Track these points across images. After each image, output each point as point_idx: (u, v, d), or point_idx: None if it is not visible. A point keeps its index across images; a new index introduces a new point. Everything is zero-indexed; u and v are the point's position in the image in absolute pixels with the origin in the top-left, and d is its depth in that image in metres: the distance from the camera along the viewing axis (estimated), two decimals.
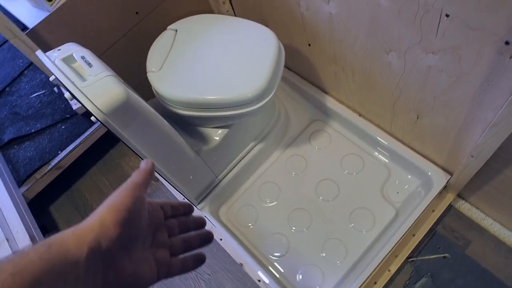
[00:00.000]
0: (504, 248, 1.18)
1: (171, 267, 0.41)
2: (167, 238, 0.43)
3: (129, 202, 0.37)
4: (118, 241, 0.35)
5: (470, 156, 1.00)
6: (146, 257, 0.39)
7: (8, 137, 1.63)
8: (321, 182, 1.33)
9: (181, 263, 0.43)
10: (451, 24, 0.78)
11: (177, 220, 0.46)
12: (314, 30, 1.17)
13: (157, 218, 0.43)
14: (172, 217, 0.45)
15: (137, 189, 0.39)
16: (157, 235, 0.42)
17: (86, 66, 0.92)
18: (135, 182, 0.39)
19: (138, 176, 0.41)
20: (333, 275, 1.18)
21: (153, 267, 0.39)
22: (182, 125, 1.22)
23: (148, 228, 0.40)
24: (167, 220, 0.44)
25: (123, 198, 0.37)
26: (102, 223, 0.35)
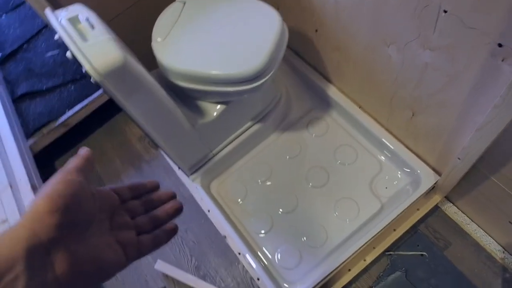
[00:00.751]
0: (484, 254, 1.19)
1: (142, 246, 0.42)
2: (128, 219, 0.43)
3: (62, 187, 0.35)
4: (59, 228, 0.33)
5: (457, 159, 1.00)
6: (106, 242, 0.38)
7: (21, 91, 1.69)
8: (313, 169, 1.35)
9: (151, 240, 0.43)
10: (448, 21, 0.78)
11: (140, 200, 0.46)
12: (322, 16, 1.17)
13: (110, 202, 0.42)
14: (134, 199, 0.46)
15: (70, 174, 0.37)
16: (115, 219, 0.41)
17: (89, 28, 0.95)
18: (68, 168, 0.38)
19: (72, 162, 0.39)
20: (310, 258, 1.21)
21: (118, 250, 0.39)
22: (182, 97, 1.25)
23: (100, 214, 0.39)
24: (126, 203, 0.44)
25: (55, 185, 0.35)
26: (34, 215, 0.33)
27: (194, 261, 1.34)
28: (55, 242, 0.33)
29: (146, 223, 0.44)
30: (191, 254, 1.36)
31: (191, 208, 1.42)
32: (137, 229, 0.43)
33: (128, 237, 0.41)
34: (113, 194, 0.43)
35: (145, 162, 1.61)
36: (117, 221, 0.41)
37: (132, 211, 0.44)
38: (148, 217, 0.45)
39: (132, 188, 0.46)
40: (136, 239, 0.42)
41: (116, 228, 0.41)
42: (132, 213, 0.44)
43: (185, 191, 1.47)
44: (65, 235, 0.34)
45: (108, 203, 0.42)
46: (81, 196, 0.36)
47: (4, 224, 1.26)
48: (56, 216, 0.33)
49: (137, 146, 1.66)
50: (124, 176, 1.60)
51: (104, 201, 0.41)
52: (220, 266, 1.32)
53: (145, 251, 0.42)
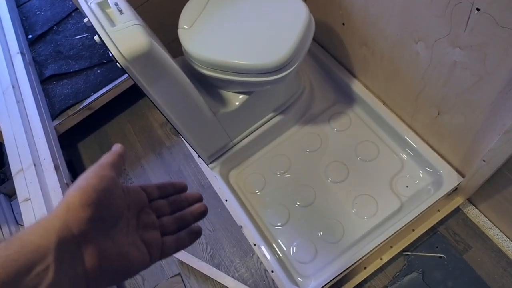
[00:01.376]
0: (504, 260, 1.16)
1: (165, 247, 0.42)
2: (155, 219, 0.43)
3: (96, 182, 0.35)
4: (91, 222, 0.34)
5: (482, 161, 0.98)
6: (132, 240, 0.38)
7: (49, 72, 1.73)
8: (332, 164, 1.34)
9: (175, 241, 0.43)
10: (481, 19, 0.75)
11: (167, 200, 0.46)
12: (349, 9, 1.15)
13: (138, 200, 0.42)
14: (161, 198, 0.46)
15: (104, 169, 0.38)
16: (141, 217, 0.41)
17: (117, 12, 0.96)
18: (102, 163, 0.39)
19: (106, 158, 0.40)
20: (326, 254, 1.20)
21: (143, 249, 0.39)
22: (205, 85, 1.26)
23: (128, 211, 0.40)
24: (154, 202, 0.44)
25: (89, 179, 0.35)
26: (68, 207, 0.33)
27: (210, 250, 1.36)
28: (86, 236, 0.33)
29: (171, 223, 0.44)
30: (206, 242, 1.37)
31: (209, 196, 1.43)
32: (161, 229, 0.43)
33: (153, 237, 0.41)
34: (142, 192, 0.43)
35: (165, 148, 1.63)
36: (143, 219, 0.41)
37: (158, 211, 0.44)
38: (174, 218, 0.45)
39: (160, 188, 0.46)
40: (160, 239, 0.42)
41: (142, 227, 0.41)
42: (158, 213, 0.44)
43: (204, 179, 1.48)
44: (96, 229, 0.34)
45: (137, 200, 0.42)
46: (113, 192, 0.37)
47: (27, 202, 1.30)
48: (89, 210, 0.33)
49: (158, 131, 1.68)
50: (144, 161, 1.62)
51: (133, 199, 0.41)
52: (235, 256, 1.33)
53: (168, 252, 0.42)
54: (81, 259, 0.33)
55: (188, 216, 0.45)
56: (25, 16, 1.97)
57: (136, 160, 1.63)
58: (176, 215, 0.45)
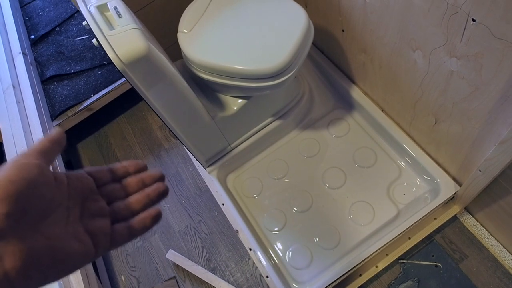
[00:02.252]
0: (500, 270, 1.15)
1: (116, 235, 0.38)
2: (104, 205, 0.39)
3: (13, 172, 0.31)
4: (9, 218, 0.30)
5: (478, 171, 0.97)
6: (72, 231, 0.35)
7: (50, 73, 1.74)
8: (330, 169, 1.34)
9: (127, 228, 0.38)
10: (477, 30, 0.75)
11: (121, 183, 0.41)
12: (349, 16, 1.15)
13: (82, 187, 0.38)
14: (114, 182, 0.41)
15: (27, 157, 0.33)
16: (87, 205, 0.38)
17: (116, 16, 0.96)
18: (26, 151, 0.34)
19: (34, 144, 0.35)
20: (321, 260, 1.20)
21: (86, 240, 0.35)
22: (204, 89, 1.26)
23: (68, 200, 0.36)
24: (105, 186, 0.40)
25: (6, 170, 0.31)
26: None
27: (205, 253, 1.36)
28: (4, 233, 0.30)
29: (123, 209, 0.39)
30: (202, 246, 1.37)
31: (206, 199, 1.43)
32: (113, 216, 0.39)
33: (100, 226, 0.37)
34: (88, 178, 0.39)
35: (164, 151, 1.63)
36: (89, 207, 0.38)
37: (109, 196, 0.40)
38: (126, 202, 0.40)
39: (112, 171, 0.41)
40: (109, 227, 0.38)
41: (87, 216, 0.37)
42: (109, 199, 0.40)
43: (201, 182, 1.48)
44: (17, 225, 0.30)
45: (80, 187, 0.38)
46: (38, 182, 0.32)
47: None
48: (5, 204, 0.30)
49: (157, 134, 1.68)
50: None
51: (76, 186, 0.37)
52: (231, 260, 1.33)
53: (120, 241, 0.38)
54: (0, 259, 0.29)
55: (144, 199, 0.40)
56: (28, 16, 1.98)
57: None
58: (129, 198, 0.40)
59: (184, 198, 1.47)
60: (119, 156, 1.66)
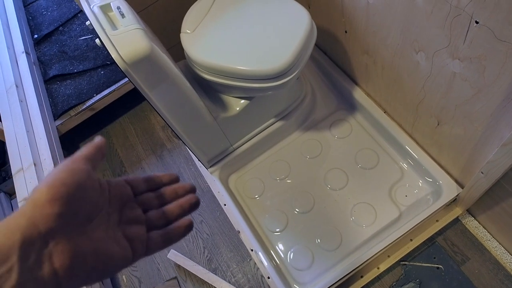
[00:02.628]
0: (502, 273, 1.15)
1: (151, 242, 0.39)
2: (140, 213, 0.41)
3: (65, 176, 0.33)
4: (60, 218, 0.31)
5: (480, 173, 0.97)
6: (113, 236, 0.36)
7: (53, 72, 1.74)
8: (332, 171, 1.34)
9: (161, 236, 0.40)
10: (480, 32, 0.75)
11: (155, 193, 0.43)
12: (352, 17, 1.15)
13: (121, 194, 0.40)
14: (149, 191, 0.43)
15: (76, 162, 0.35)
16: (125, 212, 0.40)
17: (119, 16, 0.96)
18: (74, 156, 0.36)
19: (80, 150, 0.37)
20: (323, 261, 1.20)
21: (124, 245, 0.37)
22: (207, 89, 1.26)
23: (109, 206, 0.38)
24: (140, 196, 0.42)
25: (58, 173, 0.33)
26: (35, 203, 0.31)
27: (207, 254, 1.36)
28: (54, 233, 0.31)
29: (158, 218, 0.41)
30: (204, 246, 1.37)
31: (208, 200, 1.43)
32: (148, 224, 0.41)
33: (137, 232, 0.39)
34: (126, 186, 0.41)
35: (166, 151, 1.63)
36: (127, 214, 0.40)
37: (145, 205, 0.42)
38: (161, 211, 0.42)
39: (148, 180, 0.44)
40: (145, 235, 0.39)
41: (125, 222, 0.39)
42: (145, 207, 0.42)
43: (203, 182, 1.48)
44: (67, 226, 0.32)
45: (120, 195, 0.40)
46: (86, 186, 0.34)
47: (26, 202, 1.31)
48: (57, 205, 0.31)
49: (160, 134, 1.69)
50: (144, 162, 1.63)
51: (115, 193, 0.39)
52: (232, 261, 1.33)
53: (154, 248, 0.40)
54: (49, 258, 0.31)
55: (177, 209, 0.43)
56: (31, 16, 1.99)
57: (137, 162, 1.64)
58: (164, 208, 0.42)
59: None
60: (121, 156, 1.66)
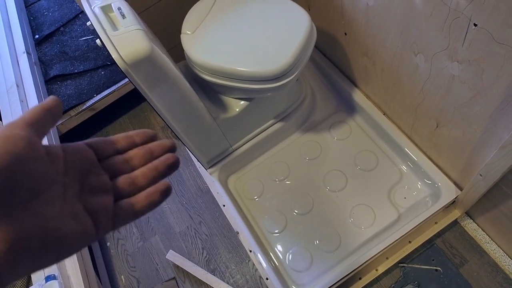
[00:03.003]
0: (501, 276, 1.15)
1: (120, 213, 0.33)
2: (106, 180, 0.34)
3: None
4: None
5: (479, 175, 0.97)
6: (69, 210, 0.31)
7: (54, 73, 1.74)
8: (331, 172, 1.34)
9: (131, 205, 0.34)
10: (478, 35, 0.75)
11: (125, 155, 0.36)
12: (351, 19, 1.16)
13: (81, 160, 0.34)
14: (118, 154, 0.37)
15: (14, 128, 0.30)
16: (88, 180, 0.33)
17: (120, 17, 0.97)
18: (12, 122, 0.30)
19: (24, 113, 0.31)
20: (321, 263, 1.20)
21: (84, 220, 0.31)
22: (206, 90, 1.26)
23: (66, 176, 0.32)
24: (107, 159, 0.36)
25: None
26: None
27: (206, 254, 1.36)
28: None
29: (128, 184, 0.35)
30: (202, 247, 1.37)
31: (207, 200, 1.43)
32: (116, 192, 0.34)
33: (102, 203, 0.33)
34: (88, 150, 0.35)
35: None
36: (90, 183, 0.33)
37: (113, 170, 0.35)
38: (131, 176, 0.35)
39: (117, 141, 0.37)
40: (112, 205, 0.33)
41: (87, 192, 0.33)
42: (113, 173, 0.35)
43: (203, 183, 1.49)
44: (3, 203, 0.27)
45: (79, 161, 0.33)
46: (26, 156, 0.28)
47: None
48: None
49: (160, 134, 1.69)
50: None
51: (74, 159, 0.33)
52: (231, 262, 1.33)
53: (124, 219, 0.34)
54: None
55: (152, 172, 0.36)
56: (33, 16, 2.00)
57: None
58: (135, 172, 0.36)
59: (185, 199, 1.47)
60: None
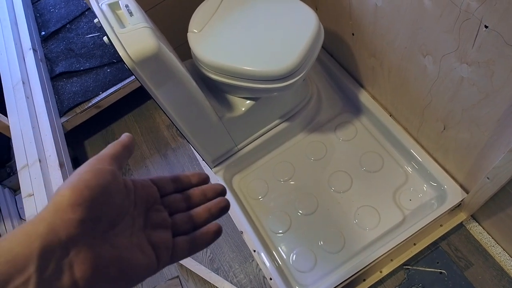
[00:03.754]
0: (506, 279, 1.14)
1: (177, 249, 0.36)
2: (166, 217, 0.37)
3: (89, 177, 0.30)
4: (82, 224, 0.29)
5: (486, 178, 0.97)
6: (137, 242, 0.33)
7: (59, 70, 1.75)
8: (336, 173, 1.34)
9: (188, 242, 0.37)
10: (489, 37, 0.75)
11: (182, 195, 0.39)
12: (359, 20, 1.15)
13: (147, 196, 0.36)
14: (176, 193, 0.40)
15: (101, 162, 0.32)
16: (150, 215, 0.36)
17: (127, 14, 0.96)
18: (100, 155, 0.33)
19: (107, 148, 0.34)
20: (325, 264, 1.20)
21: (149, 253, 0.33)
22: (213, 89, 1.26)
23: (134, 209, 0.34)
24: (167, 197, 0.39)
25: (82, 174, 0.30)
26: (56, 208, 0.28)
27: (209, 254, 1.36)
28: (76, 240, 0.28)
29: (185, 222, 0.38)
30: None
31: None
32: (174, 228, 0.37)
33: (163, 238, 0.35)
34: (152, 187, 0.38)
35: (171, 150, 1.63)
36: (153, 218, 0.36)
37: (171, 207, 0.38)
38: (188, 215, 0.38)
39: (175, 180, 0.40)
40: (171, 241, 0.36)
41: (150, 227, 0.35)
42: (171, 210, 0.38)
43: None
44: (89, 232, 0.29)
45: (145, 196, 0.36)
46: (112, 189, 0.31)
47: (30, 198, 1.31)
48: (80, 210, 0.29)
49: (165, 133, 1.69)
50: (149, 161, 1.63)
51: (141, 194, 0.36)
52: (235, 261, 1.33)
53: (180, 255, 0.36)
54: (69, 267, 0.28)
55: (206, 213, 0.38)
56: (39, 13, 2.00)
57: (141, 160, 1.64)
58: (191, 211, 0.38)
59: None
60: None
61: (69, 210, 0.28)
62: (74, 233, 0.28)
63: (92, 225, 0.29)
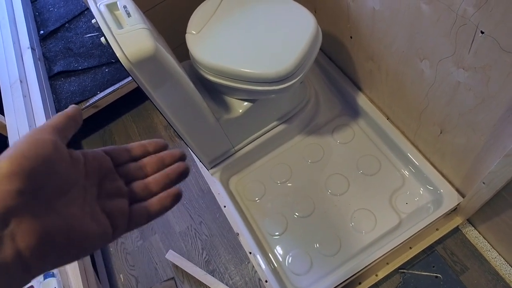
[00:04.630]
0: (501, 284, 1.14)
1: (134, 216, 0.36)
2: (121, 185, 0.37)
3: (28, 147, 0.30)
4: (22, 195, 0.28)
5: (482, 183, 0.97)
6: (89, 211, 0.33)
7: (58, 69, 1.74)
8: (333, 176, 1.34)
9: (145, 208, 0.37)
10: (485, 42, 0.75)
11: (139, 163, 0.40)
12: (357, 23, 1.15)
13: (99, 166, 0.36)
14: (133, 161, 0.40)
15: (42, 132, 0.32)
16: (105, 185, 0.36)
17: (125, 15, 0.96)
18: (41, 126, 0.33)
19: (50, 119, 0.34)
20: (321, 267, 1.20)
21: (103, 221, 0.34)
22: (210, 90, 1.26)
23: (86, 179, 0.34)
24: (122, 166, 0.39)
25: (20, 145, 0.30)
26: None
27: (205, 255, 1.35)
28: (16, 211, 0.28)
29: (141, 189, 0.38)
30: (202, 248, 1.37)
31: (208, 201, 1.43)
32: (131, 196, 0.37)
33: (118, 206, 0.35)
34: (105, 157, 0.38)
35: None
36: (107, 187, 0.36)
37: (127, 176, 0.38)
38: (145, 182, 0.38)
39: (130, 150, 0.40)
40: (127, 208, 0.36)
41: (105, 196, 0.36)
42: (127, 179, 0.38)
43: (204, 183, 1.48)
44: (31, 202, 0.29)
45: (98, 166, 0.36)
46: (54, 158, 0.31)
47: None
48: (18, 180, 0.28)
49: (162, 133, 1.69)
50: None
51: (93, 165, 0.36)
52: (230, 263, 1.33)
53: (137, 222, 0.36)
54: (11, 238, 0.28)
55: (163, 179, 0.39)
56: (38, 11, 2.00)
57: None
58: (149, 178, 0.39)
59: (186, 199, 1.47)
60: None
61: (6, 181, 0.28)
62: (12, 204, 0.28)
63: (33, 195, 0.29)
